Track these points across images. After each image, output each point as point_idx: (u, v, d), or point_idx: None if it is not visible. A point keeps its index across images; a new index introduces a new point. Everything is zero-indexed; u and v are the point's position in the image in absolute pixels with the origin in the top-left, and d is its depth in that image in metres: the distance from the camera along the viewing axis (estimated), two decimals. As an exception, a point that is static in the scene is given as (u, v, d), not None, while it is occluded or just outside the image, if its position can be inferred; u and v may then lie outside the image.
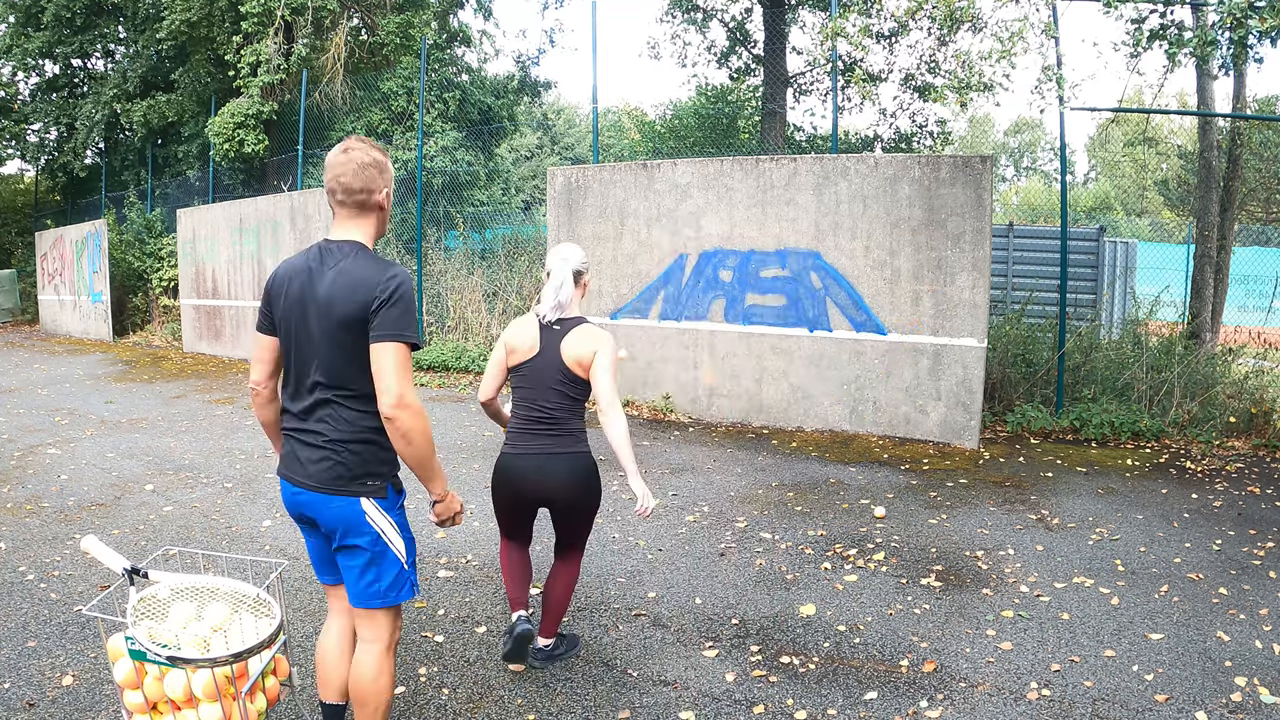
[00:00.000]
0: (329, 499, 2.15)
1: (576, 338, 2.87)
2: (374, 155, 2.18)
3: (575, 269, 2.95)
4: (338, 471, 2.14)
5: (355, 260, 2.13)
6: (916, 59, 12.96)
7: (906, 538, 4.52)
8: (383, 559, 2.20)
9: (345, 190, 2.16)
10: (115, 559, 2.18)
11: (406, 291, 2.09)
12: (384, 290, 2.06)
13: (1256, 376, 7.20)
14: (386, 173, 2.22)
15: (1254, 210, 20.17)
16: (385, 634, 2.27)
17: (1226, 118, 9.24)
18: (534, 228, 13.28)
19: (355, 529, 2.17)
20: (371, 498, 2.17)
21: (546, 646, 3.13)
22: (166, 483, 5.54)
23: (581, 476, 2.89)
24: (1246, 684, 2.96)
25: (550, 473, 2.86)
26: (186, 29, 13.29)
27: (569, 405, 2.90)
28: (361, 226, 2.21)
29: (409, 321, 2.08)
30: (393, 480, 2.24)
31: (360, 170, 2.15)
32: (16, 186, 22.60)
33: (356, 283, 2.08)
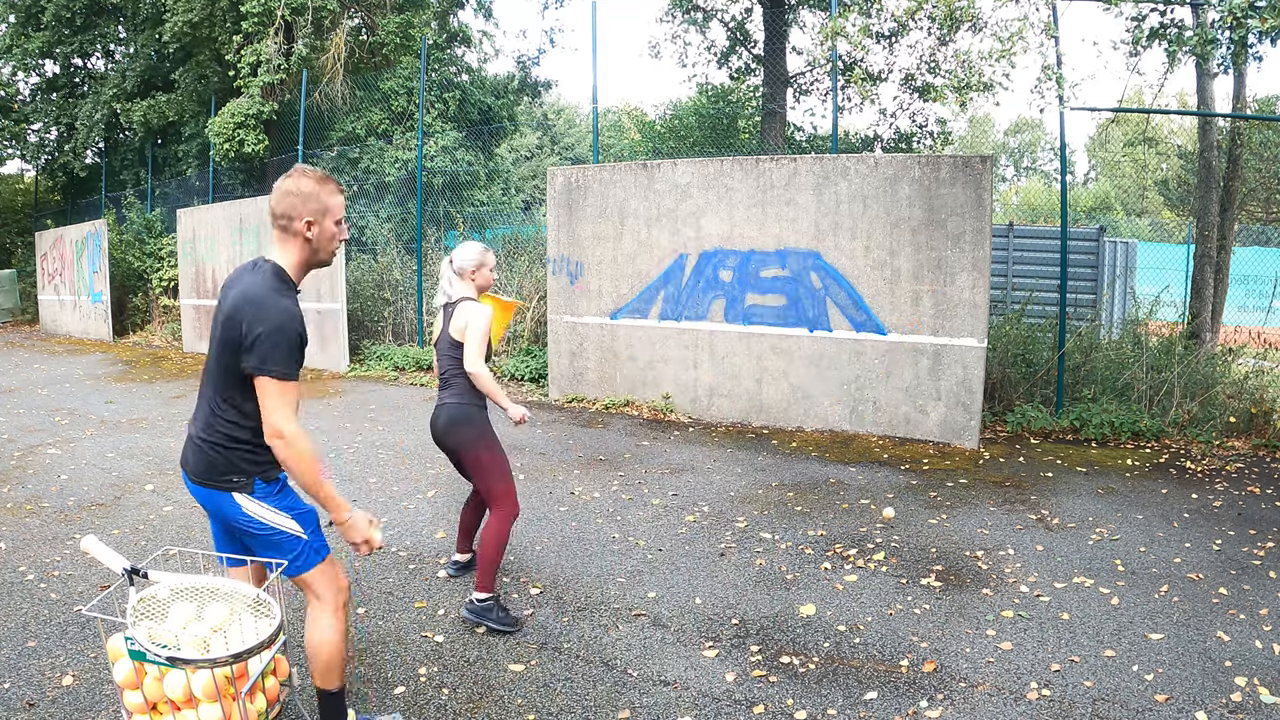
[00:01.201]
0: (205, 490, 2.33)
1: (457, 314, 3.54)
2: (301, 184, 2.31)
3: (455, 270, 3.62)
4: (208, 466, 2.30)
5: (251, 281, 2.27)
6: (916, 59, 12.96)
7: (906, 538, 4.52)
8: (275, 539, 2.34)
9: (270, 212, 2.36)
10: (115, 559, 2.18)
11: (282, 324, 2.19)
12: (258, 322, 2.18)
13: (1256, 376, 7.20)
14: (312, 202, 2.31)
15: (1254, 210, 20.17)
16: (326, 595, 2.41)
17: (1226, 118, 9.24)
18: (534, 228, 13.26)
19: (234, 519, 2.33)
20: (241, 492, 2.31)
21: (473, 600, 3.46)
22: (166, 483, 5.54)
23: (450, 421, 3.52)
24: (1246, 684, 2.96)
25: (436, 418, 3.59)
26: (189, 29, 13.29)
27: (457, 366, 3.54)
28: (284, 249, 2.34)
29: (284, 355, 2.20)
30: (260, 474, 2.34)
31: (282, 196, 2.31)
32: (16, 186, 22.60)
33: (239, 307, 2.22)
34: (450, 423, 3.53)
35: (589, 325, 8.17)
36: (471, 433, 3.51)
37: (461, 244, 3.69)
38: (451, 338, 3.55)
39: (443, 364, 3.60)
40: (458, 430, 3.52)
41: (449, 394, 3.57)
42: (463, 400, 3.54)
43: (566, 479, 5.67)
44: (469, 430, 3.51)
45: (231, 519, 2.33)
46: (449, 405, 3.55)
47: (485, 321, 3.49)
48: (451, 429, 3.52)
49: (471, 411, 3.54)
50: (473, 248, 3.65)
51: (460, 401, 3.54)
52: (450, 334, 3.56)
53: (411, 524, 4.75)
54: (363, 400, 8.50)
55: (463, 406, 3.53)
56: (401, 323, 11.38)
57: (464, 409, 3.53)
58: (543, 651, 3.27)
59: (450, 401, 3.55)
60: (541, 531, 4.63)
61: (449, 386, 3.58)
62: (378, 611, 3.62)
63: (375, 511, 4.96)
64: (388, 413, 7.83)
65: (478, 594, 3.45)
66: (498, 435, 3.64)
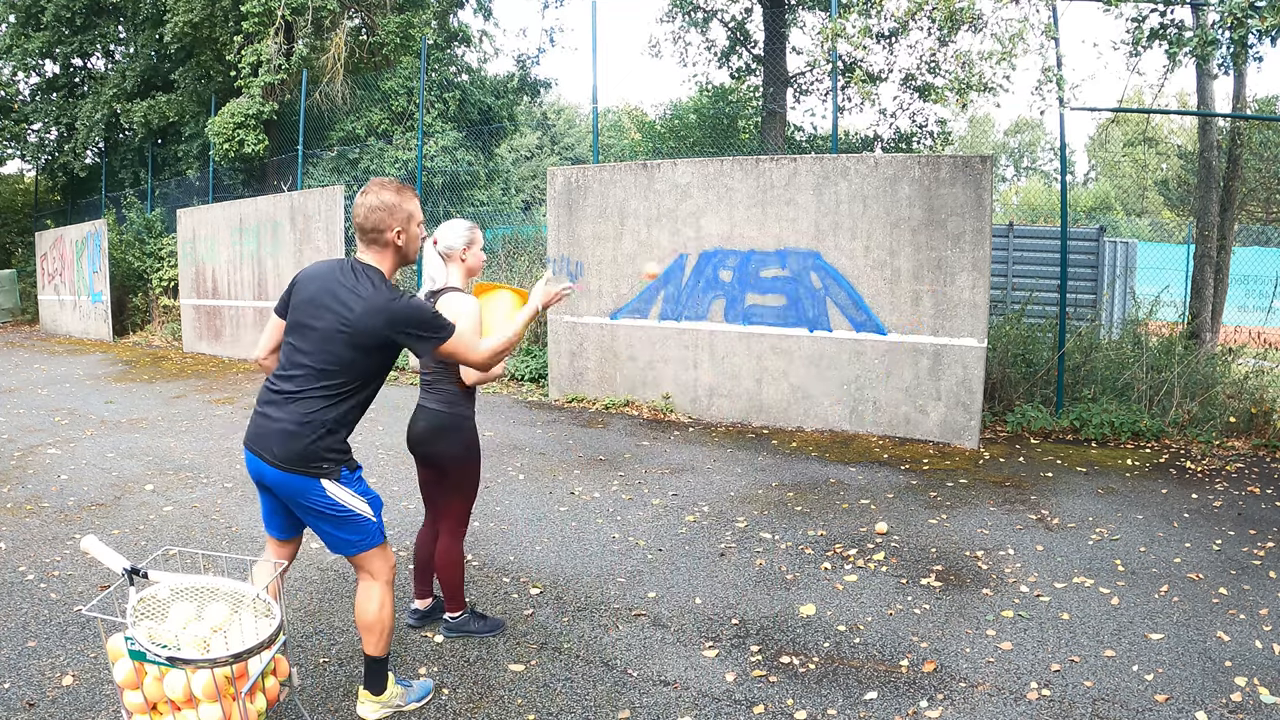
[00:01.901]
0: (291, 478, 2.45)
1: (442, 305, 3.10)
2: (384, 197, 2.52)
3: (442, 251, 3.22)
4: (301, 454, 2.43)
5: (367, 286, 2.47)
6: (916, 59, 12.97)
7: (906, 538, 4.52)
8: (348, 522, 2.53)
9: (359, 229, 2.55)
10: (115, 559, 2.18)
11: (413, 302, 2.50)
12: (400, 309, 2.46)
13: (1256, 376, 7.20)
14: (398, 212, 2.54)
15: (1254, 210, 20.17)
16: (380, 572, 2.64)
17: (1226, 118, 9.24)
18: (534, 228, 13.28)
19: (315, 503, 2.48)
20: (329, 478, 2.48)
21: (450, 619, 3.38)
22: (166, 483, 5.54)
23: (432, 429, 3.19)
24: (1246, 684, 2.96)
25: (415, 422, 3.25)
26: (189, 29, 13.29)
27: (440, 368, 3.19)
28: (379, 258, 2.57)
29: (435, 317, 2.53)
30: (346, 463, 2.54)
31: (369, 213, 2.52)
32: (16, 186, 22.61)
33: (369, 301, 2.44)
34: (432, 431, 3.19)
35: (589, 325, 8.17)
36: (457, 446, 3.20)
37: (445, 223, 3.25)
38: None
39: (424, 365, 3.23)
40: (442, 440, 3.19)
41: (433, 399, 3.22)
42: (449, 408, 3.20)
43: (566, 479, 5.67)
44: (454, 442, 3.19)
45: (312, 502, 2.48)
46: (432, 411, 3.21)
47: (476, 316, 3.10)
48: (433, 438, 3.19)
49: (459, 421, 3.21)
50: (459, 225, 3.24)
51: (446, 409, 3.20)
52: None
53: (412, 524, 4.75)
54: (363, 400, 8.49)
55: (449, 415, 3.19)
56: (401, 323, 11.37)
57: (450, 417, 3.19)
58: (543, 651, 3.27)
59: (434, 408, 3.21)
60: (541, 531, 4.63)
61: (432, 391, 3.23)
62: (378, 611, 3.62)
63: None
64: (387, 413, 7.83)
65: (450, 614, 3.36)
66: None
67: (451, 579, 3.31)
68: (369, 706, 2.72)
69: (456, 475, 3.24)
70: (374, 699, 2.72)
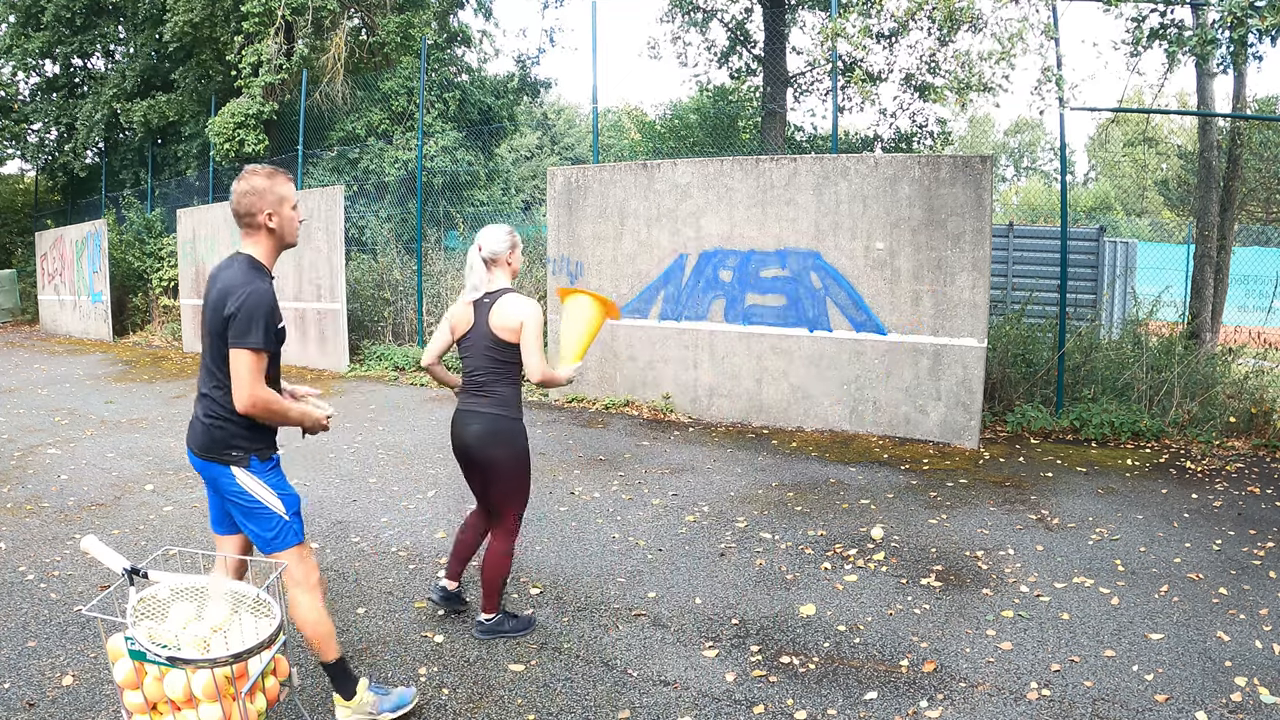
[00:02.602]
0: (204, 463, 2.57)
1: (502, 307, 3.16)
2: (253, 183, 2.55)
3: (484, 256, 3.23)
4: (210, 441, 2.54)
5: (230, 272, 2.54)
6: (916, 59, 12.96)
7: (906, 538, 4.52)
8: (260, 514, 2.57)
9: (235, 215, 2.59)
10: (115, 559, 2.18)
11: (252, 305, 2.44)
12: (233, 305, 2.43)
13: (1256, 376, 7.20)
14: (268, 195, 2.56)
15: (1254, 210, 20.16)
16: (298, 574, 2.64)
17: (1226, 118, 9.24)
18: (534, 228, 13.26)
19: (227, 490, 2.56)
20: (238, 466, 2.54)
21: (484, 620, 3.36)
22: (166, 483, 5.54)
23: (488, 435, 3.17)
24: (1246, 684, 2.96)
25: (466, 426, 3.21)
26: (189, 29, 13.28)
27: (497, 370, 3.19)
28: (254, 242, 2.60)
29: (253, 331, 2.43)
30: (256, 452, 2.58)
31: (240, 198, 2.55)
32: (16, 186, 22.60)
33: (221, 296, 2.48)
34: (488, 436, 3.16)
35: (589, 325, 8.16)
36: (512, 452, 3.19)
37: (485, 229, 3.27)
38: (494, 334, 3.15)
39: (476, 365, 3.20)
40: (497, 446, 3.17)
41: (485, 402, 3.17)
42: (504, 412, 3.18)
43: (566, 479, 5.67)
44: (509, 449, 3.18)
45: (224, 490, 2.57)
46: (486, 416, 3.16)
47: (541, 319, 3.14)
48: (489, 444, 3.16)
49: (515, 427, 3.20)
50: (500, 230, 3.25)
51: (502, 413, 3.17)
52: (493, 330, 3.15)
53: (411, 524, 4.75)
54: (363, 400, 8.50)
55: (504, 419, 3.17)
56: (401, 323, 11.38)
57: (506, 422, 3.17)
58: (543, 651, 3.27)
59: (487, 411, 3.16)
60: (541, 531, 4.63)
61: (485, 394, 3.18)
62: (378, 611, 3.62)
63: (375, 512, 4.97)
64: (388, 413, 7.83)
65: (485, 615, 3.35)
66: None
67: (494, 580, 3.30)
68: (341, 712, 2.72)
69: (513, 481, 3.24)
70: (344, 704, 2.70)
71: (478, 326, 3.20)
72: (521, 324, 3.12)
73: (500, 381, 3.20)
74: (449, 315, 3.32)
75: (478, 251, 3.22)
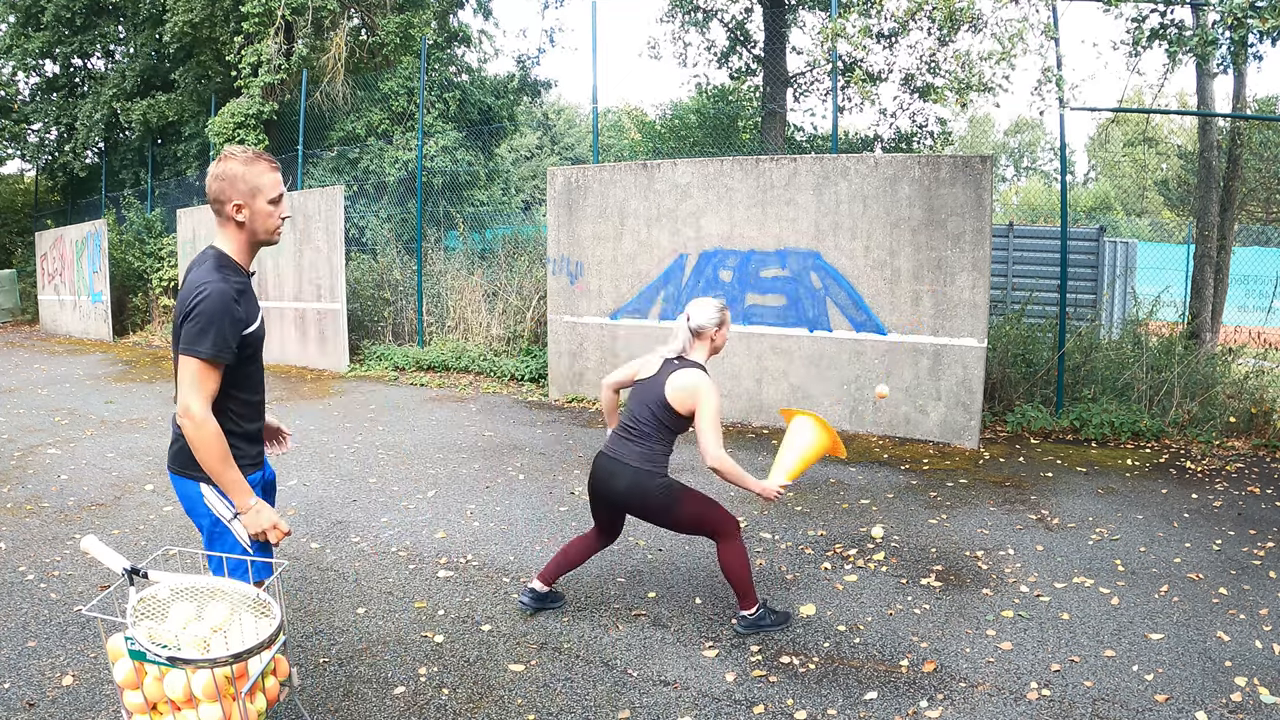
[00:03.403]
0: (175, 479, 2.37)
1: (683, 378, 3.20)
2: (226, 166, 2.27)
3: (692, 328, 3.29)
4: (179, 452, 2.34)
5: (197, 268, 2.30)
6: (916, 59, 12.96)
7: (906, 538, 4.52)
8: (223, 539, 2.36)
9: (208, 197, 2.32)
10: (115, 559, 2.18)
11: (205, 306, 2.18)
12: (189, 304, 2.20)
13: (1256, 376, 7.20)
14: (239, 184, 2.27)
15: (1254, 210, 20.17)
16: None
17: (1226, 118, 9.24)
18: (534, 228, 13.26)
19: (195, 509, 2.36)
20: (208, 484, 2.31)
21: (743, 616, 3.39)
22: (166, 483, 5.54)
23: (636, 489, 3.21)
24: (1246, 684, 2.96)
25: (613, 475, 3.25)
26: (189, 29, 13.29)
27: (657, 427, 3.23)
28: (223, 233, 2.34)
29: (204, 337, 2.17)
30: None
31: (211, 181, 2.29)
32: (16, 186, 22.60)
33: (187, 286, 2.25)
34: (636, 491, 3.20)
35: (589, 325, 8.17)
36: (662, 503, 3.22)
37: (698, 301, 3.32)
38: (667, 400, 3.19)
39: (640, 414, 3.25)
40: (644, 502, 3.22)
41: (634, 454, 3.21)
42: (651, 467, 3.21)
43: (566, 479, 5.67)
44: (659, 502, 3.21)
45: (192, 507, 2.37)
46: (634, 470, 3.20)
47: (718, 403, 3.17)
48: (636, 498, 3.22)
49: (664, 483, 3.22)
50: (711, 304, 3.31)
51: (650, 469, 3.21)
52: (667, 396, 3.19)
53: (411, 524, 4.75)
54: (363, 400, 8.50)
55: (653, 476, 3.21)
56: (401, 323, 11.38)
57: (654, 478, 3.21)
58: (543, 651, 3.27)
59: (636, 465, 3.20)
60: (541, 531, 4.63)
61: (636, 442, 3.23)
62: (378, 611, 3.62)
63: (375, 512, 4.96)
64: (388, 413, 7.83)
65: (745, 611, 3.38)
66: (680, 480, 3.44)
67: (742, 576, 3.32)
68: None
69: (681, 512, 3.25)
70: None
71: (655, 382, 3.26)
72: (698, 403, 3.16)
73: (657, 439, 3.25)
74: (644, 357, 3.44)
75: (685, 321, 3.29)
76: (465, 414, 7.82)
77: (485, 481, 5.61)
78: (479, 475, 5.75)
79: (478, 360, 9.82)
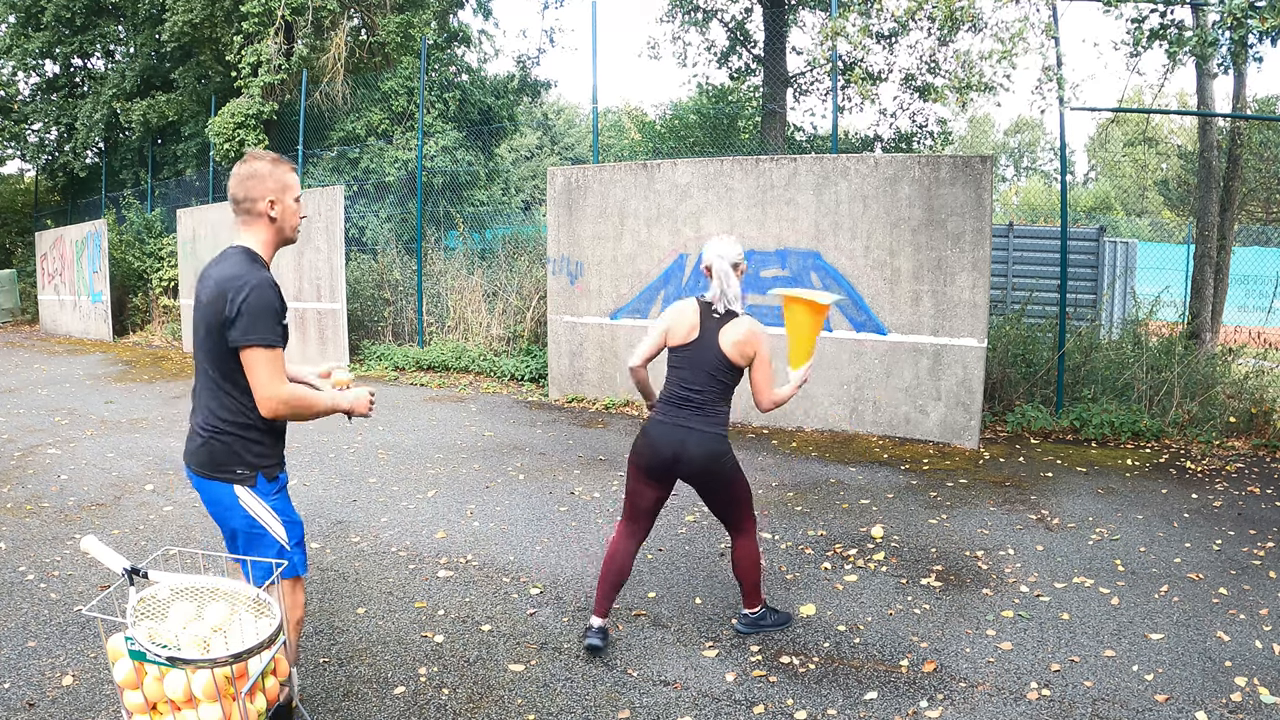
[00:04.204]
0: (202, 482, 2.36)
1: (738, 329, 3.08)
2: (254, 166, 2.35)
3: (733, 261, 3.16)
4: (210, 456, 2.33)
5: (225, 265, 2.32)
6: (916, 59, 12.97)
7: (906, 538, 4.52)
8: (260, 540, 2.37)
9: (232, 199, 2.38)
10: (115, 559, 2.18)
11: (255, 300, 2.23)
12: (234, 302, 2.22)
13: (1256, 376, 7.20)
14: (269, 181, 2.36)
15: (1254, 210, 20.17)
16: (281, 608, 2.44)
17: (1226, 118, 9.24)
18: (534, 228, 13.26)
19: (229, 513, 2.36)
20: (243, 485, 2.34)
21: (746, 615, 3.40)
22: (166, 483, 5.54)
23: (712, 455, 3.08)
24: (1246, 684, 2.96)
25: (683, 444, 3.06)
26: (189, 29, 13.29)
27: (718, 390, 3.10)
28: (251, 231, 2.39)
29: (263, 328, 2.24)
30: (264, 470, 2.38)
31: (241, 181, 2.35)
32: (16, 186, 22.60)
33: (220, 289, 2.26)
34: (712, 456, 3.09)
35: (589, 325, 8.17)
36: (730, 473, 3.15)
37: (717, 238, 3.23)
38: (726, 357, 3.07)
39: (695, 379, 3.09)
40: (718, 469, 3.12)
41: (702, 420, 3.08)
42: (723, 431, 3.13)
43: (566, 479, 5.67)
44: (729, 471, 3.14)
45: (225, 511, 2.36)
46: (709, 435, 3.08)
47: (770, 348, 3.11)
48: (711, 464, 3.10)
49: (728, 446, 3.16)
50: (731, 238, 3.23)
51: (721, 433, 3.12)
52: (725, 352, 3.06)
53: (411, 524, 4.75)
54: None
55: (723, 440, 3.13)
56: (401, 323, 11.38)
57: (723, 443, 3.13)
58: (543, 651, 3.27)
59: (708, 430, 3.08)
60: (541, 531, 4.63)
61: (702, 411, 3.09)
62: (378, 611, 3.62)
63: (375, 512, 4.97)
64: (388, 413, 7.83)
65: (749, 609, 3.38)
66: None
67: (753, 577, 3.31)
68: None
69: (736, 488, 3.20)
70: None
71: (705, 342, 3.09)
72: (757, 352, 3.08)
73: (720, 401, 3.12)
74: (669, 318, 3.19)
75: (722, 260, 3.14)
76: (465, 414, 7.82)
77: (485, 481, 5.61)
78: (479, 475, 5.75)
79: (478, 360, 9.82)
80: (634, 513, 3.25)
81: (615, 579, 3.23)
